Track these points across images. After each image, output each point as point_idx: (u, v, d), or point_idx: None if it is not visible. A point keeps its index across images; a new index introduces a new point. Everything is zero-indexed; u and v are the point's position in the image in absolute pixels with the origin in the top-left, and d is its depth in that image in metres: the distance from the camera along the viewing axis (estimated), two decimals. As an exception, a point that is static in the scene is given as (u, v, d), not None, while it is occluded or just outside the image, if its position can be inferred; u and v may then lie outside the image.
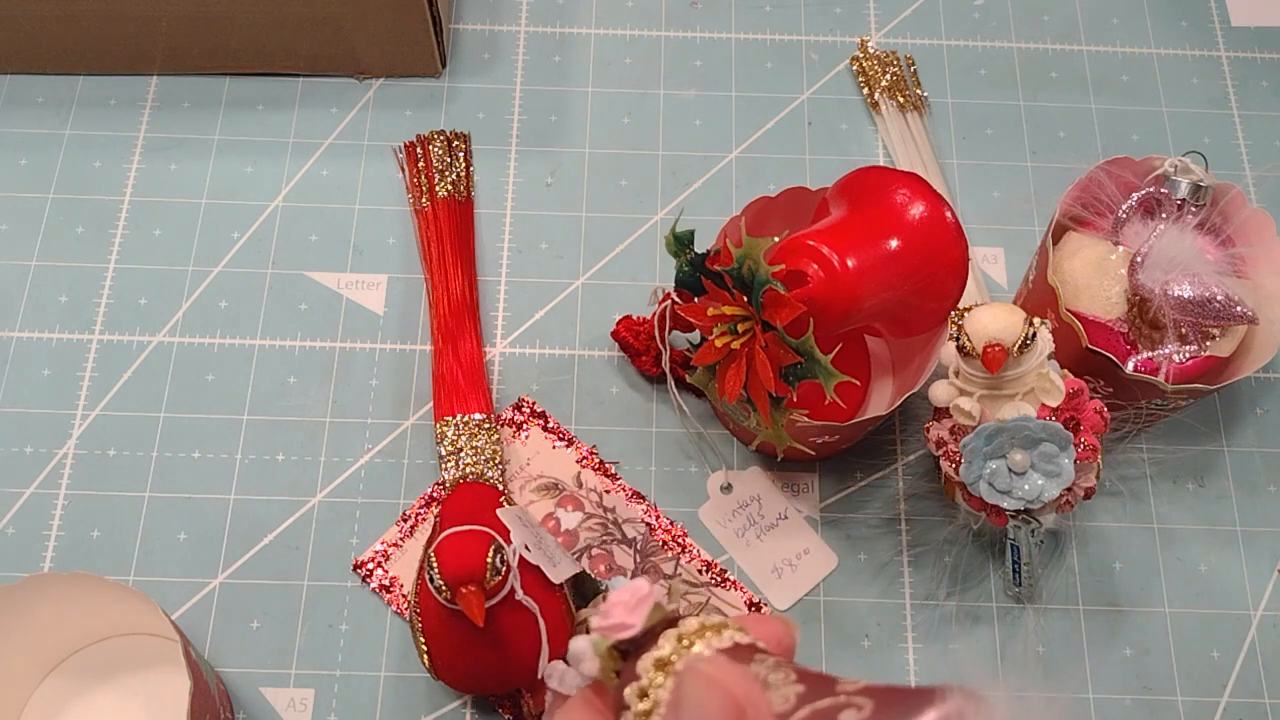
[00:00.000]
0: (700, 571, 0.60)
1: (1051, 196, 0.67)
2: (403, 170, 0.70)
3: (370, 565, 0.59)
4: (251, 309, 0.66)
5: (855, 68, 0.73)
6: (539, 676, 0.52)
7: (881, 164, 0.70)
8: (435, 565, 0.48)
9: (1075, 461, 0.53)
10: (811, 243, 0.54)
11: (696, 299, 0.56)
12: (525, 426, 0.63)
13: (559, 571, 0.53)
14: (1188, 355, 0.58)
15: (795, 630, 0.34)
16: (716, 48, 0.74)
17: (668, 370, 0.61)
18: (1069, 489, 0.53)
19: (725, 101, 0.73)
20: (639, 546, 0.60)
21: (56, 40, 0.69)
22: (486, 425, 0.61)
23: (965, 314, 0.54)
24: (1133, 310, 0.59)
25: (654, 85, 0.73)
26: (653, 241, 0.68)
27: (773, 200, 0.60)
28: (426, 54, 0.71)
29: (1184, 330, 0.58)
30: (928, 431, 0.56)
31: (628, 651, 0.33)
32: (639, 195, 0.70)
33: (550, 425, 0.63)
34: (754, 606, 0.59)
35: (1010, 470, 0.53)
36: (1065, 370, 0.54)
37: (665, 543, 0.60)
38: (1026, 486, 0.53)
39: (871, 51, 0.74)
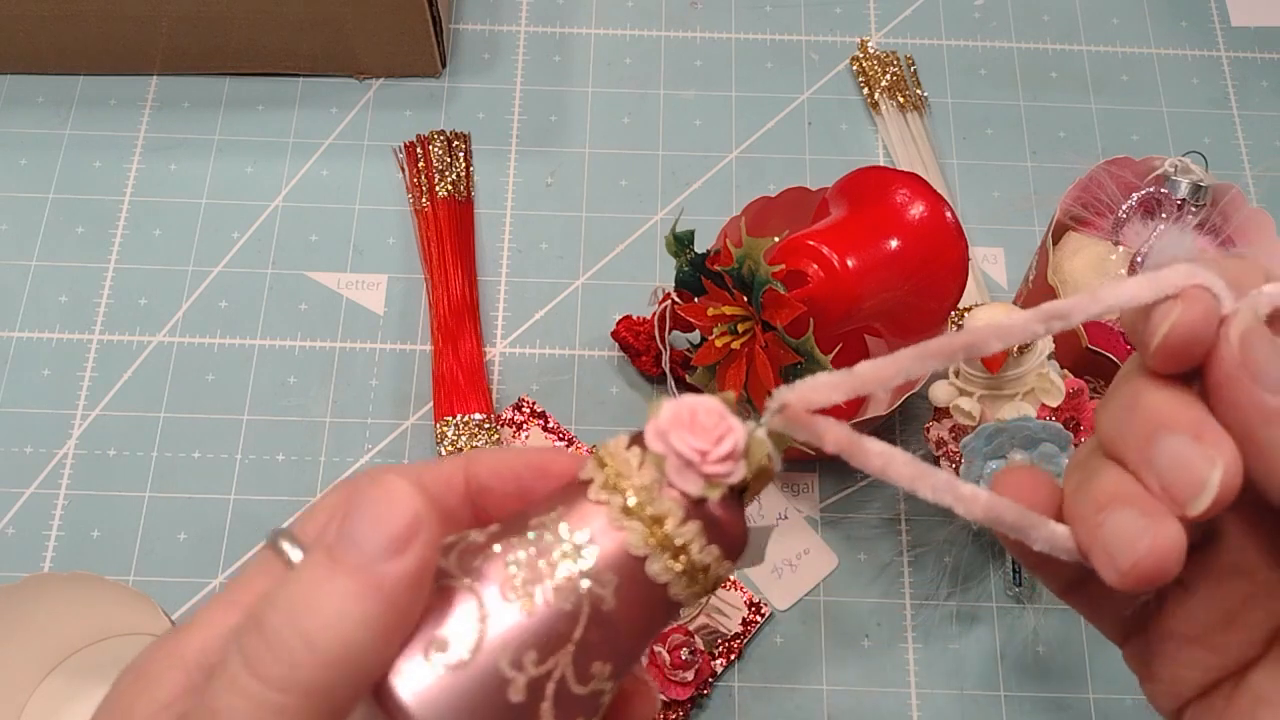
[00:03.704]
0: (700, 571, 0.60)
1: (1051, 196, 0.67)
2: (403, 170, 0.70)
3: (370, 565, 0.59)
4: (251, 309, 0.66)
5: (855, 68, 0.73)
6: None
7: (881, 164, 0.70)
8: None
9: (1075, 461, 0.52)
10: (811, 243, 0.54)
11: (696, 299, 0.56)
12: (525, 426, 0.63)
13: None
14: (1188, 355, 0.58)
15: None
16: (716, 48, 0.74)
17: (668, 370, 0.61)
18: (1069, 489, 0.53)
19: (725, 101, 0.73)
20: (639, 546, 0.60)
21: (56, 40, 0.69)
22: (486, 425, 0.61)
23: (965, 314, 0.54)
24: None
25: (654, 85, 0.73)
26: (653, 241, 0.68)
27: (773, 200, 0.60)
28: (426, 54, 0.71)
29: (1184, 330, 0.58)
30: (928, 431, 0.56)
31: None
32: (639, 195, 0.70)
33: (550, 425, 0.63)
34: (754, 606, 0.59)
35: (1010, 470, 0.53)
36: (1065, 370, 0.54)
37: (665, 543, 0.60)
38: (1026, 486, 0.53)
39: (871, 51, 0.74)
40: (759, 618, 0.59)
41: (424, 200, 0.68)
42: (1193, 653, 0.30)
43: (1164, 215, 0.59)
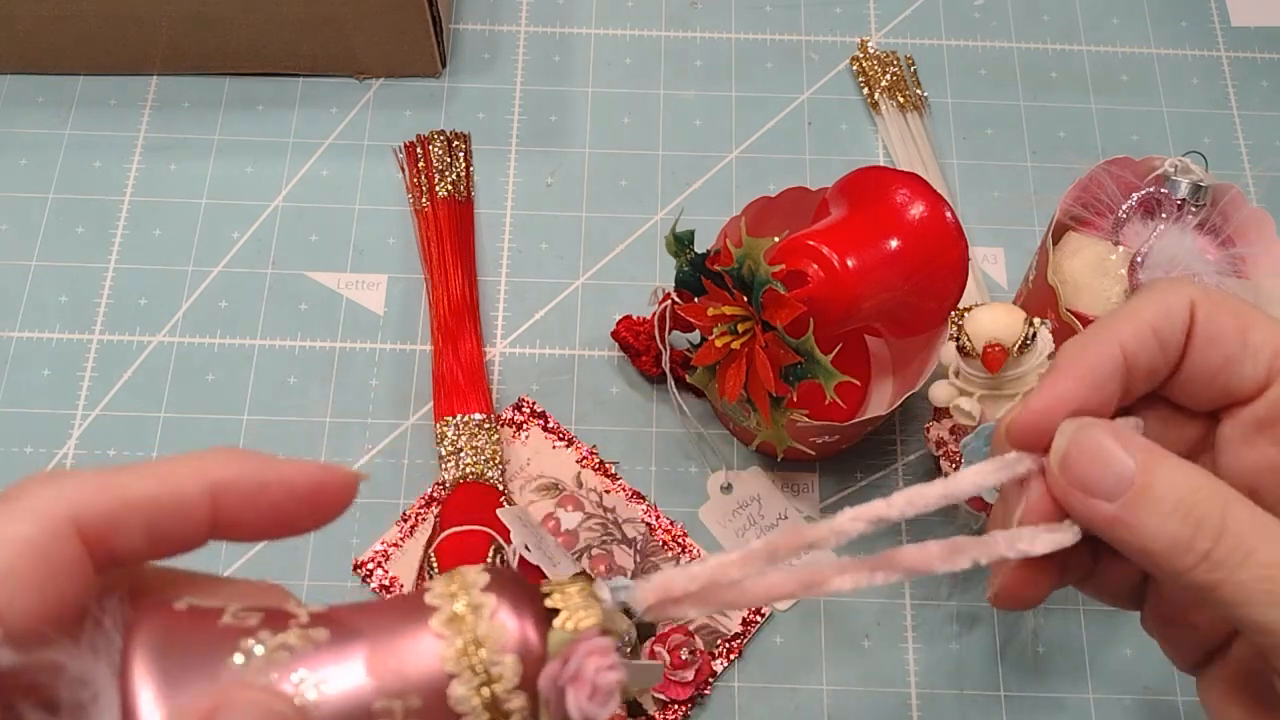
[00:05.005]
0: (700, 571, 0.60)
1: (1051, 196, 0.66)
2: (403, 170, 0.70)
3: (370, 565, 0.59)
4: (251, 309, 0.66)
5: (855, 68, 0.73)
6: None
7: (881, 164, 0.70)
8: (435, 565, 0.48)
9: (1075, 461, 0.52)
10: (811, 243, 0.54)
11: (696, 299, 0.56)
12: (525, 426, 0.63)
13: (559, 572, 0.53)
14: (1188, 355, 0.58)
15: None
16: (716, 48, 0.74)
17: (668, 370, 0.61)
18: (1069, 489, 0.53)
19: (725, 101, 0.73)
20: (639, 546, 0.60)
21: (56, 40, 0.69)
22: (486, 425, 0.61)
23: (965, 314, 0.54)
24: (1133, 310, 0.59)
25: (654, 85, 0.73)
26: (653, 241, 0.68)
27: (773, 200, 0.60)
28: (426, 54, 0.71)
29: (1184, 330, 0.58)
30: (928, 431, 0.56)
31: None
32: (639, 195, 0.70)
33: (550, 425, 0.63)
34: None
35: (1010, 470, 0.53)
36: (1065, 370, 0.54)
37: (665, 543, 0.60)
38: (1026, 486, 0.53)
39: (871, 51, 0.74)
40: (759, 617, 0.59)
41: (424, 200, 0.68)
42: (1178, 629, 0.34)
43: (1164, 215, 0.59)
